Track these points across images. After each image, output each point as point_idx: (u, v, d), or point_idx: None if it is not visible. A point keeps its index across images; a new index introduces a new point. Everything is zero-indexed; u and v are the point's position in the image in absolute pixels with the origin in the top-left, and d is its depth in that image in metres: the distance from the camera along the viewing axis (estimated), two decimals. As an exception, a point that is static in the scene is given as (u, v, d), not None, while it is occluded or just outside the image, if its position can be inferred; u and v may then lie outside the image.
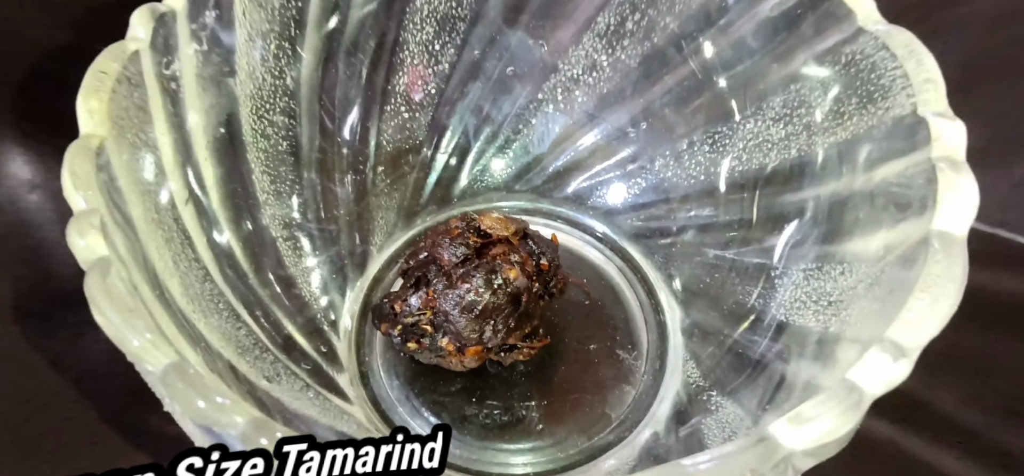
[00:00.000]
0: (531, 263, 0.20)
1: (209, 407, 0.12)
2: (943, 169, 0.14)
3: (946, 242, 0.13)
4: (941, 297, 0.12)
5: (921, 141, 0.15)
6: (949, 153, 0.14)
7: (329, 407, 0.19)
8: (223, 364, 0.17)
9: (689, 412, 0.20)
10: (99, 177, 0.14)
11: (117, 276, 0.13)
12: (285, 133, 0.22)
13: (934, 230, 0.13)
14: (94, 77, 0.15)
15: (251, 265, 0.20)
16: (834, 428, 0.12)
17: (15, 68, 0.21)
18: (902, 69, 0.16)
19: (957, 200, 0.13)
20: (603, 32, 0.24)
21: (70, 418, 0.19)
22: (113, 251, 0.14)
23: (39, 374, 0.20)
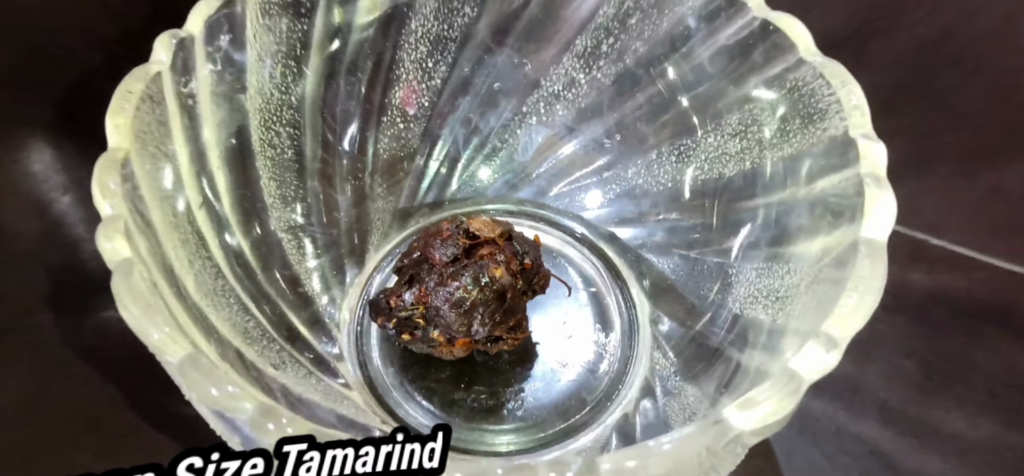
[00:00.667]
0: (515, 262, 0.20)
1: (221, 394, 0.12)
2: (869, 184, 0.14)
3: (871, 247, 0.14)
4: (867, 294, 0.13)
5: (852, 159, 0.15)
6: (873, 170, 0.15)
7: (330, 392, 0.20)
8: (233, 353, 0.17)
9: (655, 395, 0.20)
10: (124, 186, 0.14)
11: (139, 276, 0.13)
12: (290, 144, 0.22)
13: (862, 237, 0.14)
14: (121, 96, 0.15)
15: (259, 264, 0.20)
16: (776, 411, 0.12)
17: (54, 88, 0.21)
18: (836, 96, 0.16)
19: (880, 211, 0.14)
20: (581, 53, 0.24)
21: (98, 402, 0.19)
22: (136, 253, 0.14)
23: (71, 357, 0.20)
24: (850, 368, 0.21)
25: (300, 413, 0.16)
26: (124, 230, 0.14)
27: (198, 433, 0.14)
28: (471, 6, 0.24)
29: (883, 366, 0.22)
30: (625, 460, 0.12)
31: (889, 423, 0.20)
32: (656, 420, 0.19)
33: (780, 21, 0.19)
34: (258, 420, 0.12)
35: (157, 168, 0.16)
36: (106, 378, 0.20)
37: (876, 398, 0.21)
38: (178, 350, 0.13)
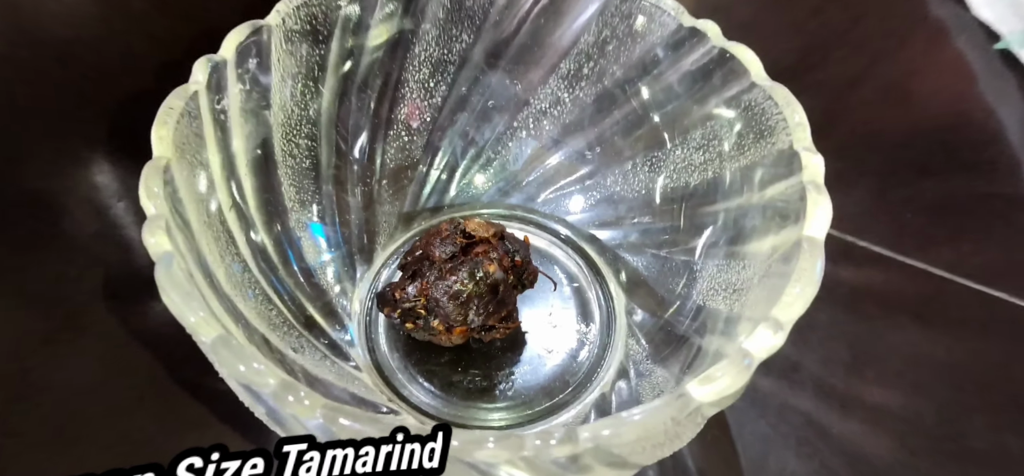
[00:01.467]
0: (507, 260, 0.20)
1: (248, 371, 0.13)
2: (810, 190, 0.15)
3: (811, 244, 0.14)
4: (807, 285, 0.14)
5: (796, 168, 0.16)
6: (814, 178, 0.15)
7: (343, 373, 0.20)
8: (259, 337, 0.17)
9: (629, 377, 0.20)
10: (165, 190, 0.15)
11: (178, 267, 0.14)
12: (308, 154, 0.23)
13: (804, 236, 0.15)
14: (164, 112, 0.16)
15: (280, 259, 0.21)
16: (730, 385, 0.13)
17: (110, 108, 0.22)
18: (782, 115, 0.17)
19: (819, 214, 0.15)
20: (565, 75, 0.25)
21: (148, 375, 0.20)
22: (175, 247, 0.14)
23: (124, 342, 0.21)
24: (791, 350, 0.22)
25: (317, 390, 0.16)
26: (165, 228, 0.14)
27: (230, 405, 0.15)
28: (468, 33, 0.24)
29: (818, 349, 0.23)
30: (601, 429, 0.12)
31: (822, 396, 0.21)
32: (629, 398, 0.20)
33: (735, 50, 0.20)
34: (280, 393, 0.13)
35: (194, 174, 0.17)
36: (153, 358, 0.21)
37: (812, 375, 0.22)
38: (211, 331, 0.13)
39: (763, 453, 0.20)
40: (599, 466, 0.13)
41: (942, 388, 0.22)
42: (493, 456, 0.12)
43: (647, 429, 0.12)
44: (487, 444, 0.12)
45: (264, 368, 0.13)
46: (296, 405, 0.13)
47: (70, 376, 0.20)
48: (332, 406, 0.13)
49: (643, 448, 0.13)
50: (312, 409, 0.13)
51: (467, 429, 0.20)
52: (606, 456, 0.13)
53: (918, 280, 0.25)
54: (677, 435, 0.13)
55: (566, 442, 0.12)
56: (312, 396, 0.13)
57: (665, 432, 0.13)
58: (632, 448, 0.13)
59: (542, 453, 0.12)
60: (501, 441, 0.12)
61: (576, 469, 0.13)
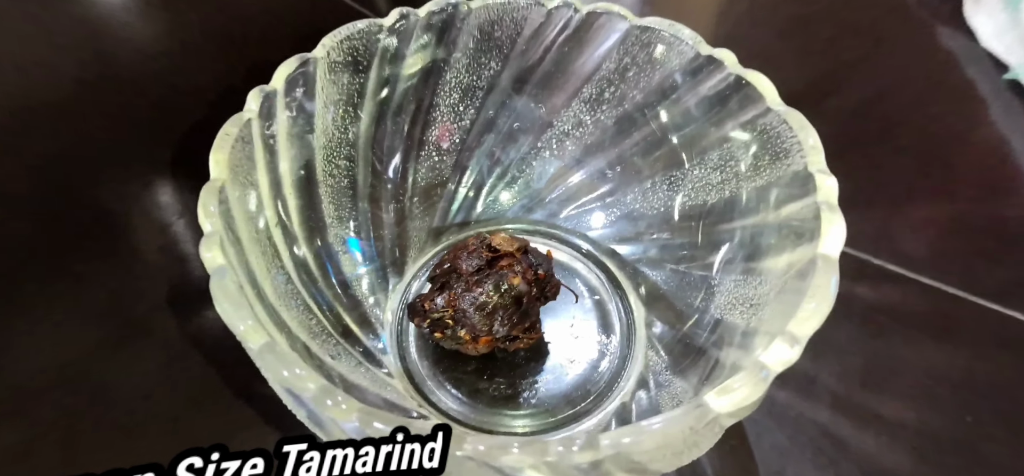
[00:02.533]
0: (530, 273, 0.20)
1: (290, 376, 0.13)
2: (824, 210, 0.15)
3: (826, 262, 0.14)
4: (822, 302, 0.14)
5: (810, 189, 0.16)
6: (828, 199, 0.15)
7: (376, 379, 0.20)
8: (300, 344, 0.18)
9: (649, 387, 0.20)
10: (220, 209, 0.15)
11: (230, 280, 0.14)
12: (346, 174, 0.23)
13: (819, 253, 0.15)
14: (221, 138, 0.16)
15: (320, 272, 0.21)
16: (747, 396, 0.13)
17: (172, 132, 0.23)
18: (797, 138, 0.17)
19: (833, 233, 0.15)
20: (587, 99, 0.25)
21: (204, 379, 0.21)
22: (227, 262, 0.15)
23: (182, 348, 0.22)
24: (808, 364, 0.21)
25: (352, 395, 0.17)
26: (219, 243, 0.15)
27: (277, 408, 0.15)
28: (497, 61, 0.25)
29: (834, 363, 0.22)
30: (622, 437, 0.12)
31: (838, 410, 0.21)
32: (649, 407, 0.19)
33: (751, 77, 0.20)
34: (319, 397, 0.13)
35: (245, 194, 0.17)
36: (207, 362, 0.21)
37: (829, 389, 0.21)
38: (258, 339, 0.14)
39: (781, 463, 0.20)
40: (619, 472, 0.13)
41: (958, 404, 0.21)
42: (518, 461, 0.12)
43: (666, 437, 0.12)
44: (512, 449, 0.12)
45: (305, 374, 0.13)
46: (334, 409, 0.13)
47: (134, 379, 0.21)
48: (367, 410, 0.13)
49: (662, 456, 0.13)
50: (348, 413, 0.13)
51: (492, 434, 0.20)
52: (626, 462, 0.13)
53: (933, 298, 0.24)
54: (696, 444, 0.13)
55: (588, 449, 0.12)
56: (348, 401, 0.13)
57: (684, 440, 0.12)
58: (652, 456, 0.12)
59: (565, 459, 0.12)
60: (525, 447, 0.12)
61: (597, 475, 0.13)
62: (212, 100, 0.28)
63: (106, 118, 0.24)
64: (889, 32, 0.37)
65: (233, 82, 0.18)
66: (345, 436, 0.14)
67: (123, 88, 0.26)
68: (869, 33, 0.37)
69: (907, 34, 0.37)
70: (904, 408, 0.21)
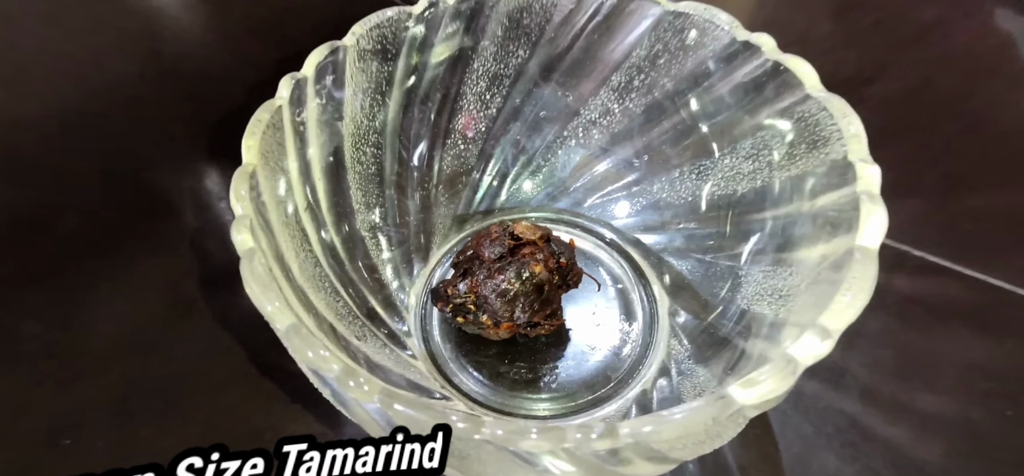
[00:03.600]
0: (552, 261, 0.20)
1: (315, 357, 0.13)
2: (864, 200, 0.14)
3: (864, 254, 0.13)
4: (858, 294, 0.13)
5: (850, 179, 0.15)
6: (869, 188, 0.14)
7: (401, 361, 0.20)
8: (327, 326, 0.18)
9: (670, 375, 0.20)
10: (251, 193, 0.16)
11: (259, 262, 0.15)
12: (373, 161, 0.23)
13: (857, 245, 0.14)
14: (253, 124, 0.16)
15: (347, 256, 0.22)
16: (774, 389, 0.12)
17: (215, 119, 0.24)
18: (837, 126, 0.16)
19: (874, 223, 0.14)
20: (616, 87, 0.24)
21: (241, 357, 0.22)
22: (257, 245, 0.15)
23: (231, 324, 0.22)
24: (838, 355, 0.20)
25: (376, 375, 0.17)
26: (249, 227, 0.15)
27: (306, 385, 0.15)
28: (525, 49, 0.24)
29: (866, 355, 0.21)
30: (642, 426, 0.12)
31: (868, 401, 0.20)
32: (671, 396, 0.19)
33: (789, 62, 0.19)
34: (342, 378, 0.13)
35: (275, 179, 0.18)
36: (245, 341, 0.22)
37: (858, 380, 0.20)
38: (285, 320, 0.14)
39: (805, 452, 0.19)
40: (639, 460, 0.13)
41: (996, 398, 0.20)
42: (536, 446, 0.12)
43: (687, 428, 0.12)
44: (531, 435, 0.12)
45: (329, 355, 0.13)
46: (356, 389, 0.13)
47: (185, 351, 0.22)
48: (389, 391, 0.13)
49: (683, 445, 0.12)
50: (371, 394, 0.13)
51: (512, 417, 0.20)
52: (646, 451, 0.12)
53: (974, 290, 0.23)
54: (718, 434, 0.13)
55: (606, 436, 0.12)
56: (371, 381, 0.13)
57: (706, 431, 0.12)
58: (672, 445, 0.12)
59: (583, 446, 0.12)
60: (544, 432, 0.12)
61: (616, 462, 0.13)
62: (252, 87, 0.28)
63: (156, 105, 0.25)
64: (941, 15, 0.34)
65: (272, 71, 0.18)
66: (367, 416, 0.14)
67: (168, 76, 0.27)
68: (919, 16, 0.34)
69: (960, 16, 0.34)
70: (939, 401, 0.20)
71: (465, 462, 0.14)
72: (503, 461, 0.13)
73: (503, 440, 0.12)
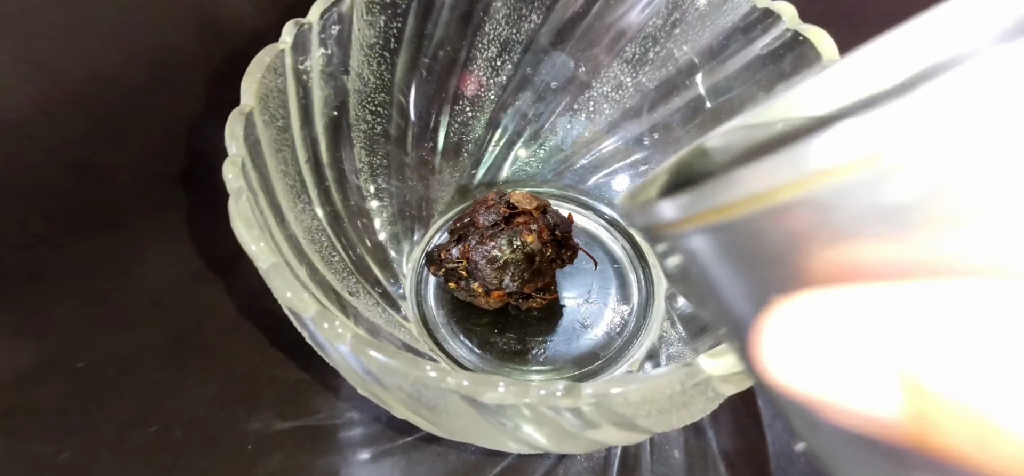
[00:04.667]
0: (547, 233, 0.20)
1: (294, 297, 0.14)
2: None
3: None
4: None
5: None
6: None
7: (393, 321, 0.21)
8: (320, 278, 0.18)
9: (659, 358, 0.20)
10: (246, 135, 0.16)
11: (246, 201, 0.15)
12: (378, 121, 0.23)
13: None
14: (253, 66, 0.17)
15: (346, 213, 0.22)
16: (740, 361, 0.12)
17: (220, 64, 0.24)
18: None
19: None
20: (630, 59, 0.24)
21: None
22: (248, 185, 0.15)
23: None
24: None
25: (362, 326, 0.17)
26: (241, 166, 0.16)
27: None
28: (538, 14, 0.24)
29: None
30: (607, 387, 0.12)
31: None
32: (657, 378, 0.19)
33: (809, 32, 0.18)
34: (318, 319, 0.14)
35: (274, 124, 0.18)
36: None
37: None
38: (267, 260, 0.14)
39: (793, 444, 0.18)
40: (606, 425, 0.13)
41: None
42: (500, 398, 0.12)
43: (652, 392, 0.12)
44: (497, 388, 0.12)
45: (307, 297, 0.14)
46: (330, 332, 0.14)
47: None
48: (361, 337, 0.13)
49: (648, 412, 0.12)
50: (343, 336, 0.13)
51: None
52: (610, 415, 0.12)
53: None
54: (685, 405, 0.13)
55: (569, 395, 0.12)
56: (346, 325, 0.14)
57: (671, 399, 0.12)
58: (636, 410, 0.12)
59: (546, 402, 0.12)
60: (509, 386, 0.12)
61: (583, 425, 0.13)
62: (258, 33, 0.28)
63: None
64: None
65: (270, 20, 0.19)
66: (343, 362, 0.15)
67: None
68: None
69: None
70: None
71: (436, 414, 0.15)
72: (471, 416, 0.14)
73: (469, 391, 0.12)
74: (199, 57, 0.24)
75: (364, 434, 0.20)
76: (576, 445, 0.14)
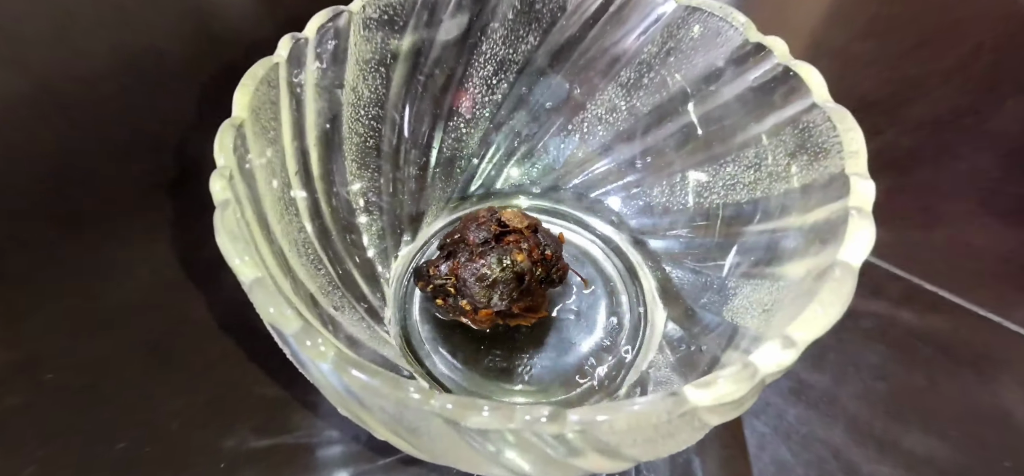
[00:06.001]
0: (537, 252, 0.20)
1: (276, 312, 0.13)
2: (853, 215, 0.14)
3: (844, 269, 0.13)
4: (830, 307, 0.13)
5: (845, 193, 0.15)
6: (860, 204, 0.14)
7: (376, 336, 0.21)
8: (305, 292, 0.18)
9: (646, 381, 0.20)
10: (236, 148, 0.16)
11: (232, 213, 0.15)
12: (371, 135, 0.24)
13: (838, 259, 0.14)
14: (247, 78, 0.17)
15: (334, 226, 0.22)
16: (729, 393, 0.12)
17: (213, 74, 0.24)
18: (840, 139, 0.16)
19: (858, 238, 0.14)
20: (624, 83, 0.25)
21: None
22: (234, 196, 0.15)
23: None
24: (829, 383, 0.20)
25: (340, 340, 0.17)
26: (228, 178, 0.16)
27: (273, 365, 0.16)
28: (535, 35, 0.25)
29: (858, 386, 0.21)
30: (592, 415, 0.12)
31: (854, 434, 0.20)
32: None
33: (799, 68, 0.19)
34: (300, 336, 0.13)
35: (265, 137, 0.18)
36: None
37: (848, 412, 0.20)
38: (250, 274, 0.14)
39: (779, 477, 0.19)
40: (591, 451, 0.13)
41: (996, 448, 0.19)
42: (484, 423, 0.12)
43: (638, 421, 0.12)
44: (482, 411, 0.12)
45: (291, 312, 0.14)
46: (312, 349, 0.13)
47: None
48: (344, 355, 0.13)
49: (634, 441, 0.12)
50: (325, 355, 0.13)
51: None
52: (596, 442, 0.12)
53: (987, 332, 0.22)
54: (671, 434, 0.13)
55: (554, 421, 0.12)
56: (328, 343, 0.13)
57: (656, 428, 0.12)
58: (622, 439, 0.12)
59: (531, 428, 0.12)
60: (494, 410, 0.12)
61: (567, 452, 0.13)
62: (249, 48, 0.29)
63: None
64: (993, 37, 0.33)
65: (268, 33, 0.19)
66: (325, 380, 0.14)
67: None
68: (969, 37, 0.33)
69: (1018, 40, 0.33)
70: (932, 443, 0.19)
71: (417, 437, 0.14)
72: (453, 439, 0.13)
73: (452, 415, 0.12)
74: (192, 66, 0.25)
75: (343, 453, 0.20)
76: (561, 472, 0.14)
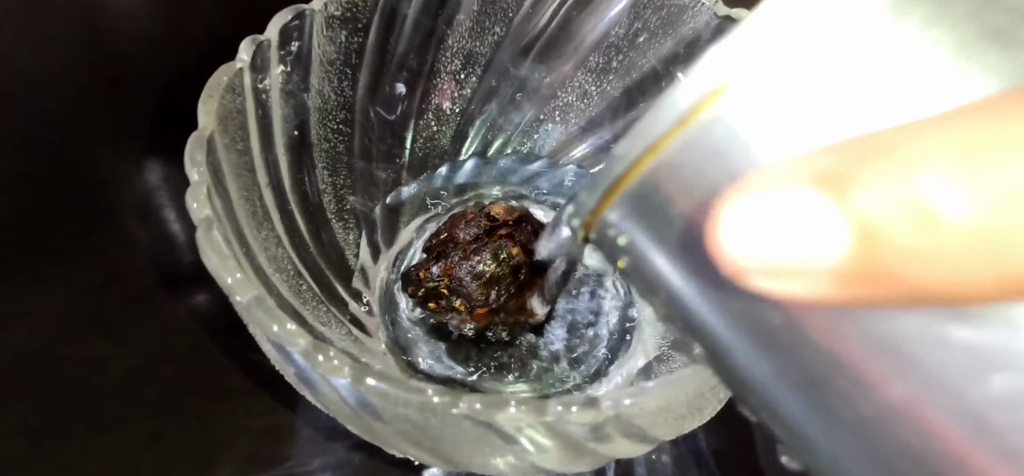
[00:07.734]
0: (531, 242, 0.20)
1: (280, 330, 0.13)
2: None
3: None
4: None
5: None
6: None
7: (365, 348, 0.20)
8: (289, 309, 0.17)
9: (651, 372, 0.20)
10: (208, 159, 0.15)
11: (217, 230, 0.14)
12: (341, 139, 0.23)
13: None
14: (210, 86, 0.16)
15: (311, 237, 0.21)
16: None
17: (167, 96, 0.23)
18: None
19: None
20: (594, 69, 0.25)
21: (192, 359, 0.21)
22: (215, 213, 0.15)
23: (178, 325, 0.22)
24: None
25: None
26: (207, 194, 0.15)
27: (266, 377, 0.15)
28: (501, 26, 0.25)
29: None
30: (623, 397, 0.12)
31: None
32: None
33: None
34: (310, 352, 0.13)
35: (234, 147, 0.17)
36: (199, 343, 0.21)
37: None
38: (247, 292, 0.14)
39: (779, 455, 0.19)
40: (620, 437, 0.13)
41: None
42: (515, 420, 0.12)
43: (669, 400, 0.12)
44: (509, 408, 0.12)
45: (295, 329, 0.13)
46: (326, 365, 0.13)
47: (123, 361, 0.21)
48: (360, 366, 0.13)
49: (664, 420, 0.13)
50: (340, 368, 0.13)
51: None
52: (626, 427, 0.12)
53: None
54: (699, 409, 0.13)
55: (588, 409, 0.12)
56: (341, 356, 0.13)
57: (687, 404, 0.12)
58: (653, 420, 0.12)
59: (564, 418, 0.12)
60: (523, 405, 0.12)
61: (597, 439, 0.13)
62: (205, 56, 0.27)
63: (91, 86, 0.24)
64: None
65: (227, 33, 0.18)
66: (336, 396, 0.14)
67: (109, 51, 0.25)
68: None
69: None
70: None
71: (438, 443, 0.14)
72: (478, 439, 0.13)
73: (482, 414, 0.12)
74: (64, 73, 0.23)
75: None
76: (585, 462, 0.14)
